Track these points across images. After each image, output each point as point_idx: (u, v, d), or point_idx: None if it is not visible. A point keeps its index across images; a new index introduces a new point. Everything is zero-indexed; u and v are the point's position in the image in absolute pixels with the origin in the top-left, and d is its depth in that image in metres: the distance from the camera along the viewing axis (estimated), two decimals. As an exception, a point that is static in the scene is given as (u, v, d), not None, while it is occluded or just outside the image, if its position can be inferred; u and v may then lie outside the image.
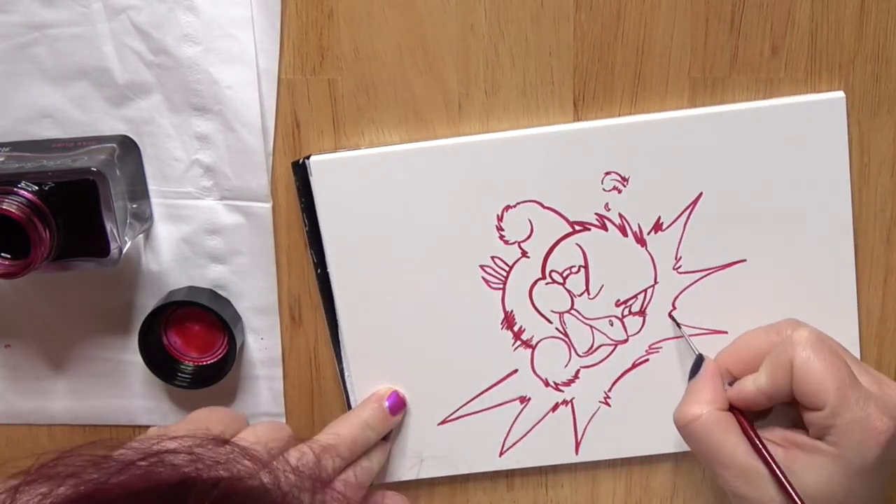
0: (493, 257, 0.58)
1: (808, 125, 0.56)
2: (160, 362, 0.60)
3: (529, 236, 0.58)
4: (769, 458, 0.52)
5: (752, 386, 0.54)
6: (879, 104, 0.56)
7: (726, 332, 0.59)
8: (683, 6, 0.55)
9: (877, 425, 0.51)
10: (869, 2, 0.55)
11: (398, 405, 0.60)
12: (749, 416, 0.55)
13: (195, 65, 0.56)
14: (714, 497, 0.63)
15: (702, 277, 0.58)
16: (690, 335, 0.59)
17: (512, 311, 0.59)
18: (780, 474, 0.51)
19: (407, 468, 0.62)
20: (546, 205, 0.57)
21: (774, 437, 0.54)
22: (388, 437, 0.61)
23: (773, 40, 0.56)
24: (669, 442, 0.60)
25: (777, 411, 0.56)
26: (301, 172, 0.57)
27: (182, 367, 0.60)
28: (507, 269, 0.58)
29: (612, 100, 0.57)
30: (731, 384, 0.56)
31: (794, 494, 0.51)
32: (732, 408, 0.55)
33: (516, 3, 0.55)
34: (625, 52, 0.56)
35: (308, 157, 0.57)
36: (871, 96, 0.56)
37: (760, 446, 0.52)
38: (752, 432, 0.53)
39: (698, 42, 0.56)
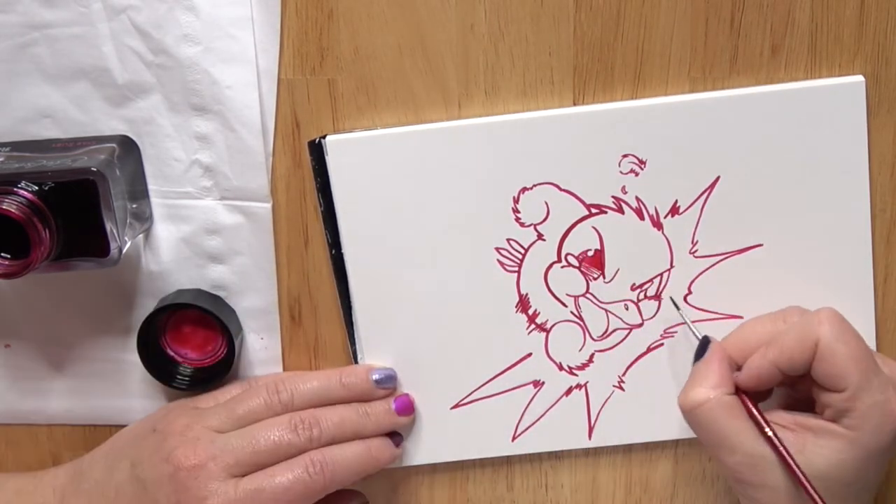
0: (508, 240, 0.58)
1: (827, 109, 0.56)
2: (159, 365, 0.60)
3: (545, 219, 0.58)
4: (778, 443, 0.51)
5: (763, 359, 0.53)
6: (879, 104, 0.56)
7: (741, 317, 0.58)
8: (683, 6, 0.55)
9: (894, 409, 0.51)
10: (869, 2, 0.55)
11: (407, 407, 0.60)
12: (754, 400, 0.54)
13: (195, 65, 0.56)
14: (714, 497, 0.63)
15: (718, 262, 0.58)
16: (706, 319, 0.58)
17: (527, 295, 0.59)
18: (789, 459, 0.50)
19: (419, 453, 0.62)
20: (563, 187, 0.57)
21: (784, 420, 0.53)
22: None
23: (773, 40, 0.56)
24: (683, 427, 0.60)
25: (775, 393, 0.56)
26: (317, 152, 0.57)
27: (181, 369, 0.60)
28: (522, 251, 0.58)
29: (612, 100, 0.57)
30: (738, 370, 0.54)
31: (803, 480, 0.50)
32: (738, 392, 0.54)
33: (516, 3, 0.55)
34: (625, 52, 0.56)
35: (324, 137, 0.57)
36: (871, 96, 0.56)
37: (770, 431, 0.51)
38: (760, 416, 0.52)
39: (698, 42, 0.56)
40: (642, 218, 0.58)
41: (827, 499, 0.50)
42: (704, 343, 0.56)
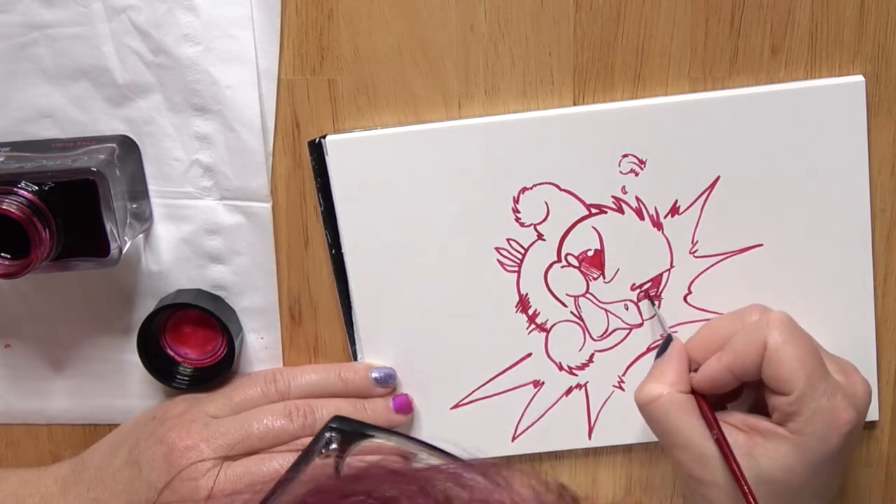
0: (508, 240, 0.58)
1: (827, 109, 0.56)
2: (159, 365, 0.60)
3: (545, 219, 0.58)
4: (723, 445, 0.52)
5: (717, 363, 0.53)
6: (879, 104, 0.56)
7: None
8: (683, 6, 0.55)
9: (841, 416, 0.51)
10: (869, 2, 0.55)
11: (405, 406, 0.60)
12: (713, 402, 0.54)
13: (195, 65, 0.56)
14: (714, 497, 0.63)
15: (718, 262, 0.58)
16: (706, 320, 0.58)
17: (527, 295, 0.59)
18: (730, 458, 0.51)
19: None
20: (563, 187, 0.57)
21: (735, 421, 0.53)
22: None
23: (773, 40, 0.56)
24: None
25: (742, 395, 0.56)
26: (317, 152, 0.57)
27: (181, 368, 0.60)
28: (522, 251, 0.58)
29: (612, 100, 0.57)
30: (695, 371, 0.55)
31: (740, 479, 0.50)
32: (695, 392, 0.54)
33: (516, 3, 0.55)
34: (625, 52, 0.56)
35: (324, 137, 0.57)
36: (871, 96, 0.56)
37: (718, 433, 0.52)
38: (710, 416, 0.53)
39: (698, 42, 0.56)
40: (642, 218, 0.58)
41: (774, 503, 0.50)
42: (667, 341, 0.56)
